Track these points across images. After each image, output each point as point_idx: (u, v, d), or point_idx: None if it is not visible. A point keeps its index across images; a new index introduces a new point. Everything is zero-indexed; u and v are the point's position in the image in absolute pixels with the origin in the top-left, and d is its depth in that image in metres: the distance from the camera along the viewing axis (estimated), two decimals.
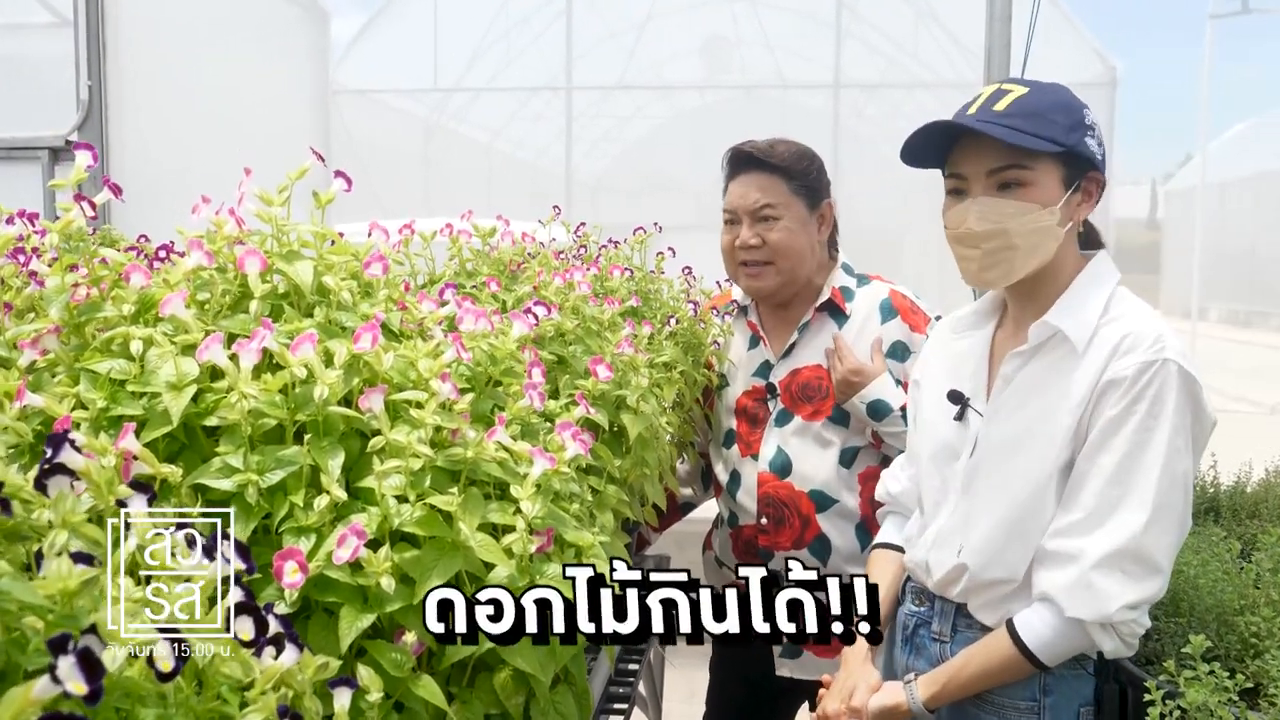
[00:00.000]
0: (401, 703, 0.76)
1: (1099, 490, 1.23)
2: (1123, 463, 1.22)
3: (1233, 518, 2.00)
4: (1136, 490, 1.21)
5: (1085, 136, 1.29)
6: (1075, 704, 1.32)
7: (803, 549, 1.83)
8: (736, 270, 1.88)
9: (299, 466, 0.79)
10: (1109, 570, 1.21)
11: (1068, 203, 1.30)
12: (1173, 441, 1.21)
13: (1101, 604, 1.21)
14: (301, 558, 0.70)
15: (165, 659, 0.46)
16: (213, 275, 0.91)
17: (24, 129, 4.59)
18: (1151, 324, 1.26)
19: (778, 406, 1.87)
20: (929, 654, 1.40)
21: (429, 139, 6.68)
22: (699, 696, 3.61)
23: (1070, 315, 1.29)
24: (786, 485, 1.83)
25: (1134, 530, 1.20)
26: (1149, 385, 1.21)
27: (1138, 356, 1.23)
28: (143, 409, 0.81)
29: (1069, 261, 1.34)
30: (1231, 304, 14.83)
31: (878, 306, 1.86)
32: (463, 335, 0.94)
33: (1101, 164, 1.31)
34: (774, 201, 1.82)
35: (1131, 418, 1.22)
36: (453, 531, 0.79)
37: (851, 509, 1.82)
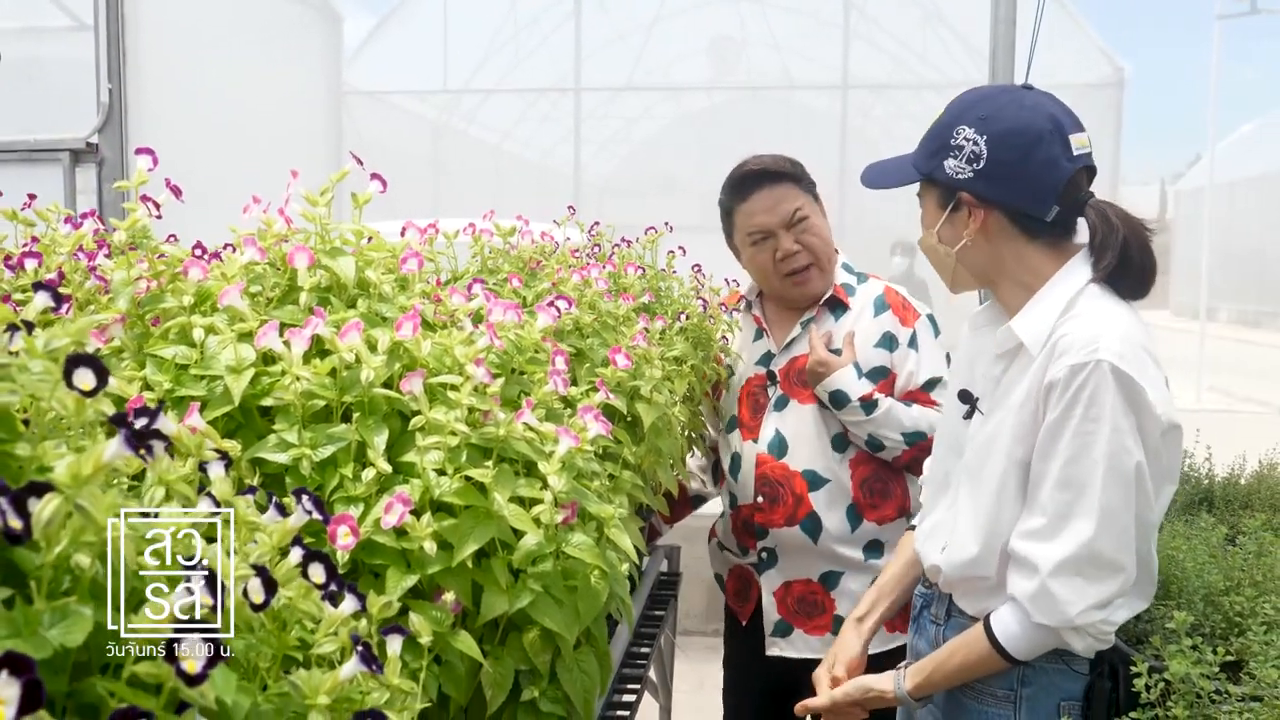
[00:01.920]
0: (440, 656, 0.84)
1: (1050, 495, 1.25)
2: (1066, 467, 1.23)
3: (1225, 508, 2.06)
4: (1084, 495, 1.22)
5: (945, 159, 1.32)
6: (1055, 698, 1.35)
7: (794, 526, 1.93)
8: (782, 283, 1.96)
9: (348, 442, 0.87)
10: (1066, 577, 1.23)
11: (949, 223, 1.36)
12: (1115, 441, 1.21)
13: (1062, 610, 1.24)
14: (353, 522, 0.78)
15: (258, 592, 0.54)
16: (265, 269, 0.99)
17: (45, 131, 4.69)
18: (1094, 327, 1.25)
19: (776, 392, 1.98)
20: (928, 635, 1.47)
21: (438, 140, 6.76)
22: (707, 686, 3.69)
23: (1028, 322, 1.32)
24: (782, 465, 1.94)
25: (1084, 538, 1.22)
26: (1082, 388, 1.22)
27: (1070, 359, 1.23)
28: (205, 390, 0.89)
29: (1032, 266, 1.35)
30: (1240, 304, 14.84)
31: (872, 301, 1.98)
32: (494, 325, 1.02)
33: (969, 181, 1.32)
34: (800, 205, 1.93)
35: (1070, 421, 1.23)
36: (487, 502, 0.87)
37: (843, 490, 1.92)
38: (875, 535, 1.93)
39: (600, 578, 0.93)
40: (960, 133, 1.32)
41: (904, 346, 1.94)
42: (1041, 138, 1.30)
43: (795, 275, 1.94)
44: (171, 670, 0.43)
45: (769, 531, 1.96)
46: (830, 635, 1.93)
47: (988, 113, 1.32)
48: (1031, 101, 1.33)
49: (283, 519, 0.64)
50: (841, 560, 1.93)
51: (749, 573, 2.05)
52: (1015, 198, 1.32)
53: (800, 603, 1.97)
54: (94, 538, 0.46)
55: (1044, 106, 1.33)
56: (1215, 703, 1.26)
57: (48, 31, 5.10)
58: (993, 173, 1.31)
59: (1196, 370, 10.63)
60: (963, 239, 1.35)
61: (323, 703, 0.55)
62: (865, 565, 1.92)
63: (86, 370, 0.50)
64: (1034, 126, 1.30)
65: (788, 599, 1.98)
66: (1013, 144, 1.30)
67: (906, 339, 1.94)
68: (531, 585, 0.88)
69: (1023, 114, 1.31)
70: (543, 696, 0.90)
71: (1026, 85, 1.40)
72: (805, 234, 1.93)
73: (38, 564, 0.46)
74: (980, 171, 1.31)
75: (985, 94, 1.37)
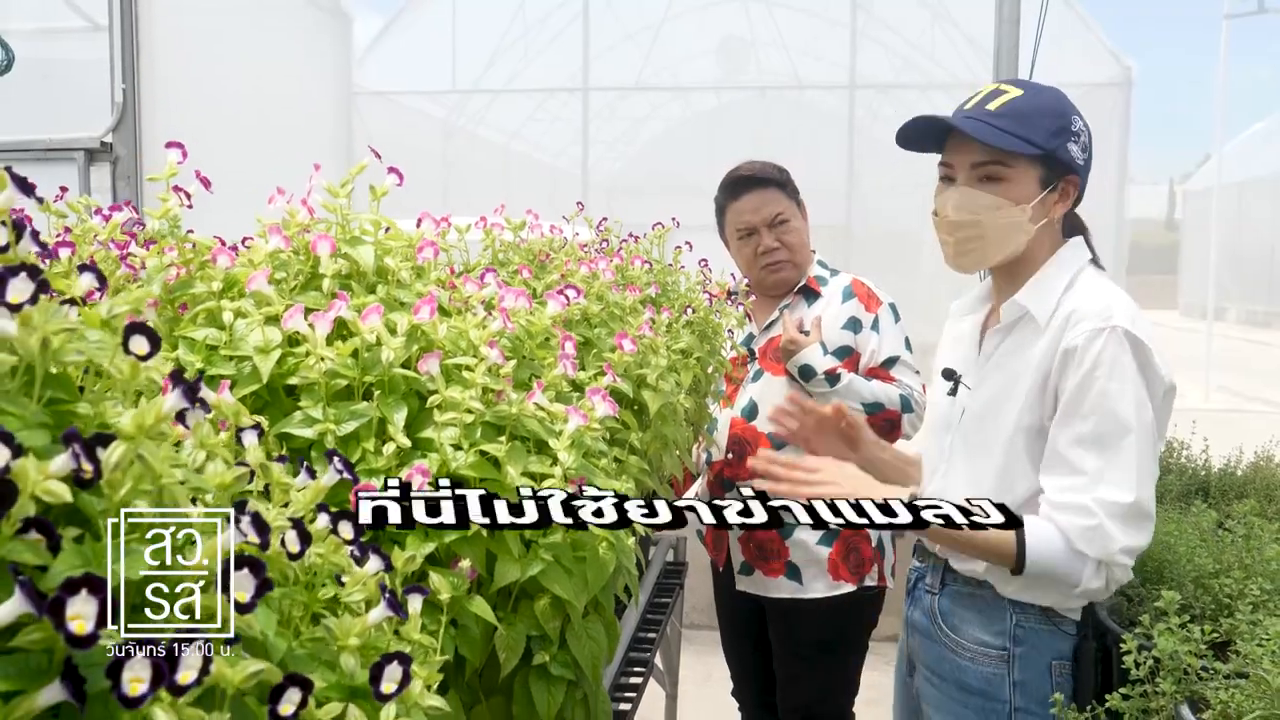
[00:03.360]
0: (456, 620, 0.89)
1: (1085, 457, 1.33)
2: (1097, 428, 1.33)
3: (1221, 498, 2.11)
4: (1119, 452, 1.32)
5: (1068, 142, 1.40)
6: (1047, 657, 1.43)
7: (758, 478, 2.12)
8: (761, 274, 2.33)
9: (369, 419, 0.92)
10: (1116, 520, 1.32)
11: (1043, 201, 1.42)
12: (1138, 397, 1.32)
13: (1107, 544, 1.32)
14: (375, 492, 0.83)
15: (294, 542, 0.59)
16: (289, 256, 1.05)
17: (60, 131, 4.76)
18: (1104, 298, 1.37)
19: (754, 367, 2.33)
20: (923, 605, 1.53)
21: (447, 140, 6.81)
22: (714, 680, 3.74)
23: (1034, 293, 1.42)
24: (751, 427, 2.27)
25: (1132, 493, 1.31)
26: (1103, 350, 1.32)
27: (1087, 325, 1.34)
28: (234, 370, 0.94)
29: (1044, 249, 1.45)
30: (1249, 304, 14.80)
31: (840, 291, 2.32)
32: (507, 310, 1.07)
33: (1081, 169, 1.43)
34: (782, 210, 2.30)
35: (1092, 385, 1.33)
36: (501, 475, 0.92)
37: (799, 451, 2.07)
38: None
39: (608, 549, 0.97)
40: (1076, 121, 1.43)
41: (867, 329, 2.28)
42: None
43: (772, 267, 2.31)
44: (225, 600, 0.48)
45: (735, 484, 2.27)
46: (783, 578, 2.25)
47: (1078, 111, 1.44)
48: None
49: (313, 482, 0.69)
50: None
51: None
52: (1084, 187, 1.46)
53: (759, 548, 2.28)
54: (150, 485, 0.51)
55: None
56: (1203, 680, 1.30)
57: (62, 33, 5.17)
58: (1090, 164, 1.44)
59: (1204, 370, 10.62)
60: (1046, 218, 1.43)
61: (353, 644, 0.60)
62: None
63: (141, 337, 0.55)
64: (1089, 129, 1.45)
65: (750, 543, 2.30)
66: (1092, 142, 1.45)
67: (869, 323, 2.28)
68: (542, 555, 0.93)
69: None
70: (553, 661, 0.95)
71: None
72: (784, 234, 2.29)
73: (100, 508, 0.51)
74: (1086, 161, 1.44)
75: (1059, 91, 1.46)
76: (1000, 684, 1.44)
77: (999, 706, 1.44)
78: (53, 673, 0.44)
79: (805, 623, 2.24)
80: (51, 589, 0.43)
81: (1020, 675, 1.43)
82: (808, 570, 2.22)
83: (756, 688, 2.46)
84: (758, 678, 2.44)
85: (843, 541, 2.22)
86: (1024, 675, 1.43)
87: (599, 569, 0.97)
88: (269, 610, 0.56)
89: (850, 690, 2.35)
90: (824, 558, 2.21)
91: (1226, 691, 1.25)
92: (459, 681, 0.93)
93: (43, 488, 0.44)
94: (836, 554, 2.21)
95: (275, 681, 0.53)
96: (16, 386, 0.51)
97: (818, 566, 2.21)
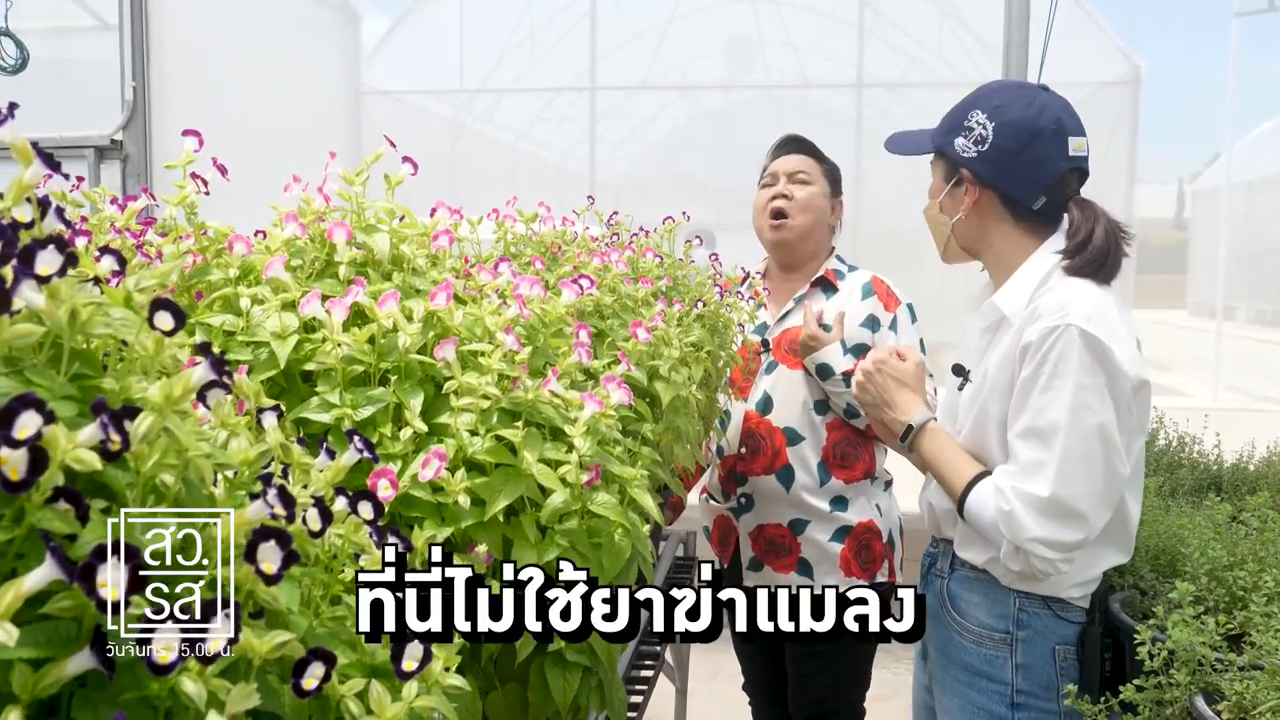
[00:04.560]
0: None
1: (1021, 448, 1.37)
2: (1034, 421, 1.36)
3: (1233, 492, 2.10)
4: (1048, 447, 1.34)
5: (955, 138, 1.48)
6: (1051, 643, 1.46)
7: (771, 475, 2.20)
8: (764, 224, 2.28)
9: (386, 404, 0.92)
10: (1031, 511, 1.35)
11: (950, 196, 1.52)
12: (1078, 398, 1.33)
13: (1017, 531, 1.35)
14: (393, 476, 0.83)
15: (315, 520, 0.59)
16: (305, 244, 1.05)
17: (71, 129, 4.78)
18: (1067, 295, 1.39)
19: (768, 359, 2.27)
20: (935, 589, 1.58)
21: (455, 139, 6.81)
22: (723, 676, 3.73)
23: (1008, 295, 1.47)
24: (766, 421, 2.23)
25: (1048, 488, 1.34)
26: (1051, 348, 1.35)
27: (1043, 323, 1.36)
28: (251, 356, 0.95)
29: (1014, 246, 1.50)
30: (1259, 304, 14.74)
31: (860, 287, 2.27)
32: (522, 297, 1.07)
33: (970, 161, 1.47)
34: (809, 170, 2.27)
35: (1039, 379, 1.36)
36: (517, 461, 0.92)
37: (816, 449, 2.19)
38: (841, 492, 2.21)
39: (623, 535, 0.97)
40: (974, 116, 1.47)
41: (885, 329, 2.22)
42: (1042, 134, 1.44)
43: (776, 218, 2.25)
44: (250, 572, 0.49)
45: (748, 479, 2.24)
46: (795, 574, 2.22)
47: (1001, 103, 1.46)
48: (1042, 101, 1.47)
49: (332, 463, 0.70)
50: (809, 510, 2.20)
51: (729, 520, 2.32)
52: (1007, 183, 1.47)
53: (770, 544, 2.25)
54: (176, 459, 0.51)
55: (1052, 108, 1.47)
56: (1217, 671, 1.30)
57: (73, 32, 5.20)
58: (992, 157, 1.46)
59: (1214, 369, 10.58)
60: (959, 212, 1.51)
61: None
62: (830, 516, 2.20)
63: (166, 313, 0.55)
64: (1037, 123, 1.45)
65: (760, 539, 2.26)
66: (1015, 135, 1.45)
67: (888, 322, 2.23)
68: (559, 541, 0.93)
69: (1030, 110, 1.45)
70: (569, 647, 0.95)
71: (1043, 86, 1.53)
72: (798, 189, 2.25)
73: (127, 481, 0.51)
74: (982, 154, 1.46)
75: (1005, 86, 1.51)
76: (1003, 666, 1.47)
77: (1001, 689, 1.47)
78: (81, 641, 0.44)
79: None
80: (81, 557, 0.43)
81: (1023, 659, 1.46)
82: (820, 566, 2.21)
83: (767, 685, 2.45)
84: (768, 675, 2.44)
85: (854, 538, 2.21)
86: (1026, 659, 1.46)
87: (615, 555, 0.97)
88: (293, 587, 0.56)
89: (862, 685, 2.34)
90: (836, 554, 2.20)
91: (1241, 683, 1.24)
92: (475, 667, 0.93)
93: (73, 456, 0.44)
94: (849, 550, 2.21)
95: (298, 656, 0.53)
96: (44, 360, 0.51)
97: (830, 562, 2.21)
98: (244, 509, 0.50)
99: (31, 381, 0.48)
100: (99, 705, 0.45)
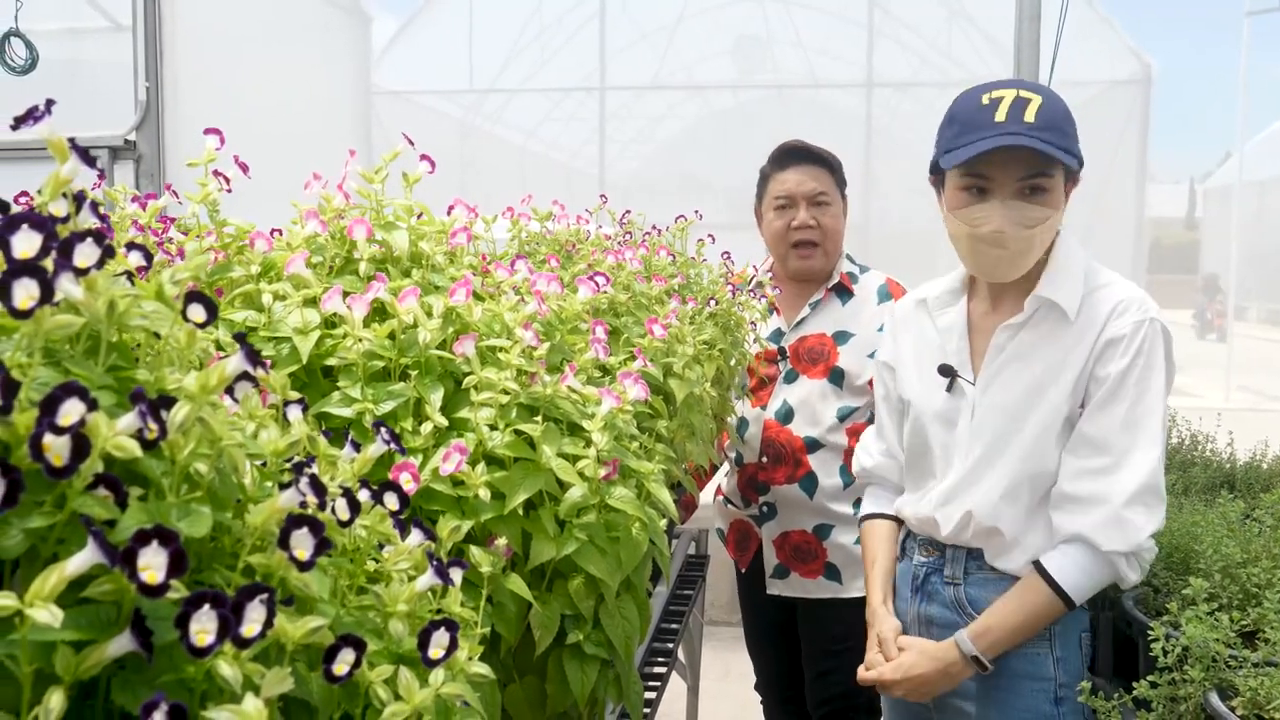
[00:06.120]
0: (492, 598, 0.90)
1: (1115, 437, 1.39)
2: (1131, 410, 1.39)
3: (1246, 490, 2.09)
4: (1145, 432, 1.39)
5: (1076, 144, 1.45)
6: (1077, 631, 1.49)
7: (794, 484, 2.17)
8: (788, 252, 2.20)
9: (406, 398, 0.93)
10: (1135, 506, 1.38)
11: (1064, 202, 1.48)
12: (1161, 387, 1.40)
13: (1132, 536, 1.38)
14: (414, 469, 0.84)
15: (344, 510, 0.60)
16: (326, 240, 1.06)
17: (84, 129, 4.81)
18: (1135, 289, 1.45)
19: (786, 367, 2.21)
20: (942, 598, 1.53)
21: (464, 140, 6.82)
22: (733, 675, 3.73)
23: (1059, 287, 1.45)
24: (786, 431, 2.18)
25: (1151, 467, 1.38)
26: (1145, 340, 1.40)
27: (1132, 316, 1.41)
28: (273, 351, 0.96)
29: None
30: (1270, 304, 14.68)
31: (875, 290, 2.22)
32: (540, 294, 1.08)
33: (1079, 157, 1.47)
34: (827, 190, 2.18)
35: (1134, 370, 1.40)
36: (536, 455, 0.93)
37: (837, 454, 2.15)
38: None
39: (641, 529, 0.98)
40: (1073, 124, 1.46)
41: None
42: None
43: (801, 248, 2.18)
44: (283, 559, 0.50)
45: (770, 488, 2.20)
46: (823, 578, 2.20)
47: (1054, 95, 1.46)
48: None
49: (357, 455, 0.71)
50: (833, 515, 2.17)
51: (749, 525, 2.30)
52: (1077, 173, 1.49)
53: (796, 550, 2.22)
54: (210, 449, 0.52)
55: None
56: (1231, 668, 1.30)
57: (87, 33, 5.23)
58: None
59: (1225, 369, 10.55)
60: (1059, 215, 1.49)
61: (402, 610, 0.61)
62: (854, 519, 2.11)
63: (199, 306, 0.56)
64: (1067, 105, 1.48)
65: (785, 546, 2.22)
66: (1072, 122, 1.46)
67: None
68: (577, 534, 0.94)
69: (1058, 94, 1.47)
70: (587, 640, 0.96)
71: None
72: (822, 215, 2.17)
73: (161, 470, 0.52)
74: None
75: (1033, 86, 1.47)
76: (1044, 662, 1.46)
77: (1045, 685, 1.45)
78: (121, 624, 0.45)
79: (842, 620, 2.16)
80: (121, 542, 0.44)
81: (1061, 651, 1.46)
82: (847, 570, 2.18)
83: (781, 685, 2.44)
84: (782, 676, 2.42)
85: None
86: (1064, 651, 1.47)
87: (632, 549, 0.97)
88: (322, 575, 0.57)
89: None
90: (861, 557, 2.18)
91: (1256, 679, 1.25)
92: (494, 660, 0.94)
93: (114, 443, 0.45)
94: None
95: (328, 643, 0.54)
96: (81, 351, 0.52)
97: (856, 566, 2.15)
98: (276, 497, 0.51)
99: (70, 372, 0.49)
100: (138, 686, 0.46)
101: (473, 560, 0.79)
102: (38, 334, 0.47)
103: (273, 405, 0.77)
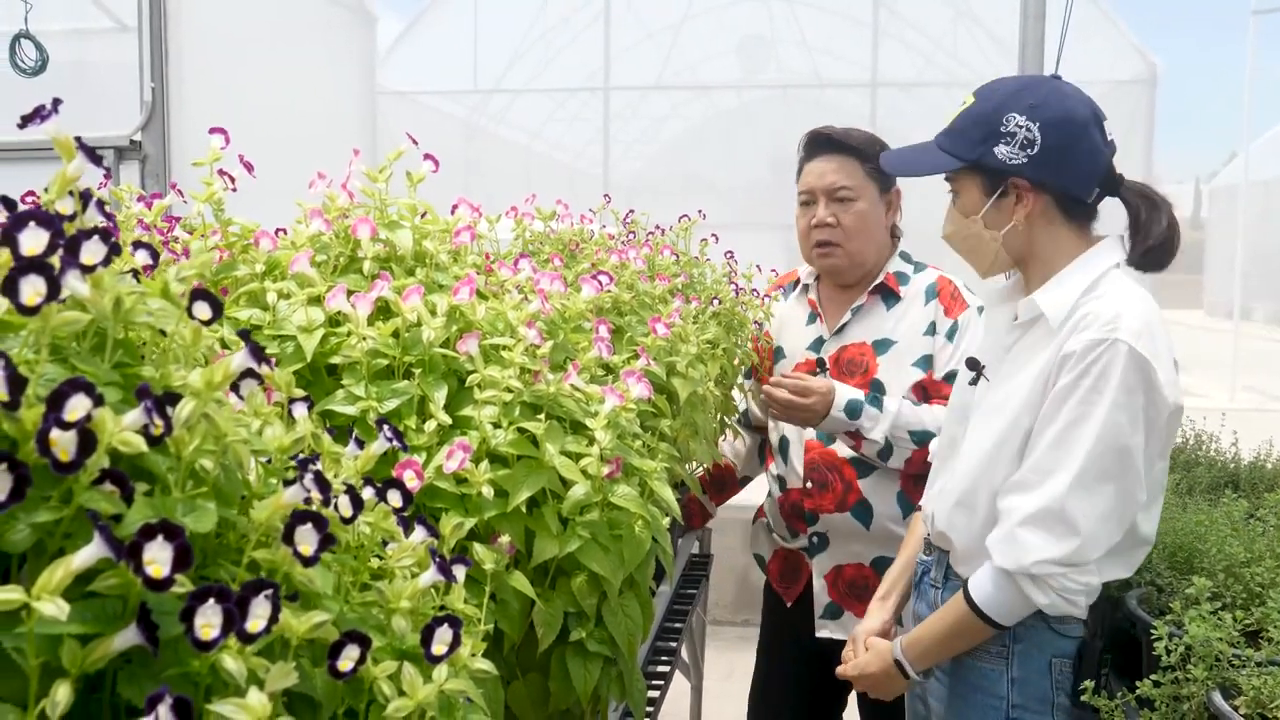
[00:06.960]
0: (496, 595, 0.90)
1: (1041, 454, 1.32)
2: (1063, 431, 1.30)
3: (1251, 490, 2.09)
4: (1070, 456, 1.29)
5: (995, 145, 1.36)
6: (1047, 655, 1.42)
7: (845, 512, 1.95)
8: (811, 251, 2.01)
9: (410, 397, 0.94)
10: (1033, 527, 1.30)
11: (996, 209, 1.40)
12: (1112, 417, 1.28)
13: (1019, 556, 1.31)
14: (418, 467, 0.85)
15: (347, 507, 0.60)
16: (330, 239, 1.06)
17: (91, 129, 4.82)
18: (1118, 305, 1.32)
19: (826, 378, 1.97)
20: (928, 599, 1.54)
21: (469, 140, 6.83)
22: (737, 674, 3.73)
23: (1051, 296, 1.38)
24: (830, 452, 1.96)
25: (1058, 492, 1.29)
26: (1095, 362, 1.28)
27: (1089, 334, 1.30)
28: (277, 349, 0.96)
29: (1063, 247, 1.41)
30: (1276, 303, 14.63)
31: (923, 290, 1.99)
32: (544, 292, 1.08)
33: (1021, 167, 1.36)
34: (850, 184, 1.95)
35: (1076, 391, 1.29)
36: (539, 453, 0.93)
37: (891, 476, 1.93)
38: None
39: (644, 527, 0.99)
40: (1011, 120, 1.36)
41: (940, 336, 1.94)
42: (1088, 124, 1.37)
43: (821, 247, 1.98)
44: (288, 555, 0.50)
45: (819, 517, 1.98)
46: None
47: (1036, 100, 1.36)
48: (1067, 90, 1.40)
49: (361, 453, 0.71)
50: (895, 545, 1.88)
51: (799, 556, 2.07)
52: (1066, 182, 1.38)
53: (851, 586, 1.99)
54: (215, 445, 0.53)
55: (1081, 96, 1.40)
56: (1235, 667, 1.30)
57: (93, 33, 5.24)
58: (1046, 159, 1.36)
59: (1230, 370, 10.52)
60: (1010, 223, 1.40)
61: (405, 606, 0.62)
62: None
63: (204, 303, 0.57)
64: (1080, 114, 1.37)
65: (838, 582, 2.00)
66: (1064, 130, 1.36)
67: (946, 329, 1.94)
68: (580, 532, 0.94)
69: (1067, 102, 1.38)
70: (589, 638, 0.96)
71: (1056, 75, 1.46)
72: (844, 211, 1.95)
73: (167, 466, 0.52)
74: (1034, 157, 1.36)
75: (1025, 83, 1.42)
76: (998, 680, 1.42)
77: (997, 703, 1.43)
78: (127, 618, 0.46)
79: None
80: (127, 536, 0.44)
81: (1018, 672, 1.41)
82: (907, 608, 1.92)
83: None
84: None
85: None
86: (1022, 672, 1.41)
87: (635, 547, 0.98)
88: (326, 572, 0.57)
89: None
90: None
91: (1259, 678, 1.24)
92: (497, 657, 0.94)
93: (120, 439, 0.46)
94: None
95: (333, 638, 0.54)
96: (87, 348, 0.52)
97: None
98: (280, 493, 0.51)
99: (77, 368, 0.50)
100: (143, 680, 0.46)
101: (476, 557, 0.80)
102: (45, 330, 0.48)
103: (277, 403, 0.78)
